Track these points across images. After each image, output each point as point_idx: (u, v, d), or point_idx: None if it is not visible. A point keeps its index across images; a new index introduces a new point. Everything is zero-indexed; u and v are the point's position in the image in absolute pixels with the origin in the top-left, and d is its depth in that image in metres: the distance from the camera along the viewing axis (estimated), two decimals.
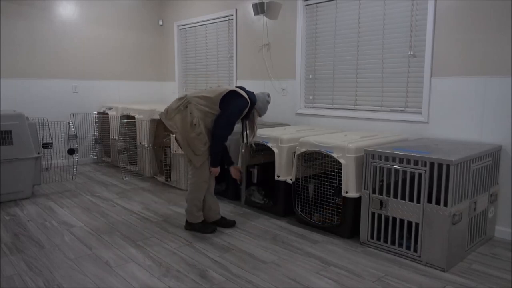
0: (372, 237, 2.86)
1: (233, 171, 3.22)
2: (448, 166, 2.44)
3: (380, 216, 2.80)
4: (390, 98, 3.71)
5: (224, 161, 3.24)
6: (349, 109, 4.05)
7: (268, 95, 3.11)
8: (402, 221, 2.72)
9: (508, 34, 2.93)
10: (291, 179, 3.35)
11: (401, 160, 2.65)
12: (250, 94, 3.01)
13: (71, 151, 4.51)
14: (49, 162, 5.43)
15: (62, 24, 5.54)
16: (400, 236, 2.73)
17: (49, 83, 5.48)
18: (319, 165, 3.30)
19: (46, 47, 5.42)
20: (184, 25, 6.14)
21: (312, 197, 3.28)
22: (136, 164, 5.11)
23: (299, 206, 3.30)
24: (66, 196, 4.15)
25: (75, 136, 5.04)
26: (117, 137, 5.30)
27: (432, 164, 2.51)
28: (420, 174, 2.57)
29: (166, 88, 6.69)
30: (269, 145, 3.47)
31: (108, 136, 5.70)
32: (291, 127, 4.10)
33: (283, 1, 4.54)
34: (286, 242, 2.94)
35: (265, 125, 4.15)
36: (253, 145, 3.20)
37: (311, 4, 4.28)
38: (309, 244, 2.92)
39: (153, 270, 2.48)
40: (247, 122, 3.10)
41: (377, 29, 3.74)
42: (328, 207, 3.19)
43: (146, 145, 4.83)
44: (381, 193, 2.78)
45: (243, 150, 3.30)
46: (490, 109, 3.05)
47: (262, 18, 4.82)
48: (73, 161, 5.72)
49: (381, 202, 2.77)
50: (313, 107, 4.40)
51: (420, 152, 2.63)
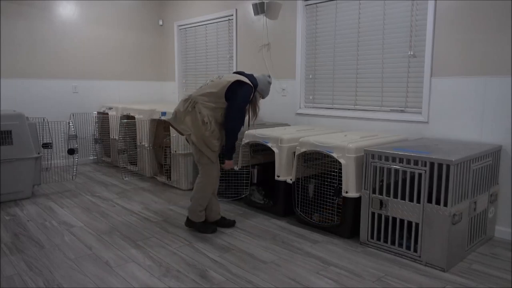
0: (372, 237, 2.86)
1: (228, 164, 3.07)
2: (448, 166, 2.44)
3: (380, 216, 2.80)
4: (390, 98, 3.71)
5: (225, 152, 3.06)
6: (349, 109, 4.05)
7: (269, 76, 3.09)
8: (402, 221, 2.72)
9: (508, 34, 2.93)
10: (291, 179, 3.35)
11: (401, 160, 2.65)
12: (251, 77, 3.00)
13: (71, 151, 4.51)
14: (49, 162, 5.43)
15: (62, 24, 5.54)
16: (400, 236, 2.73)
17: (49, 83, 5.48)
18: (319, 165, 3.30)
19: (46, 47, 5.42)
20: (184, 25, 6.14)
21: (312, 197, 3.28)
22: (136, 164, 5.11)
23: (299, 206, 3.30)
24: (66, 196, 4.15)
25: (75, 136, 5.04)
26: (117, 137, 5.30)
27: (432, 164, 2.51)
28: (420, 174, 2.57)
29: (166, 88, 6.69)
30: (269, 145, 3.47)
31: (108, 136, 5.69)
32: (291, 127, 4.10)
33: (283, 1, 4.54)
34: (286, 242, 2.94)
35: (265, 125, 4.15)
36: (253, 126, 3.20)
37: (311, 4, 4.27)
38: (309, 244, 2.92)
39: (153, 270, 2.48)
40: (249, 105, 3.05)
41: (377, 29, 3.74)
42: (328, 207, 3.19)
43: (146, 145, 4.83)
44: (381, 193, 2.78)
45: (248, 129, 3.21)
46: (490, 109, 3.05)
47: (262, 18, 4.81)
48: (73, 161, 5.72)
49: (381, 202, 2.77)
50: (313, 107, 4.40)
51: (420, 152, 2.63)
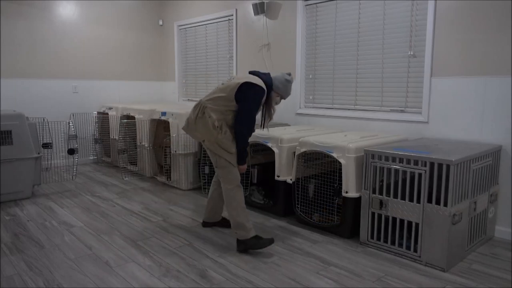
0: (372, 237, 2.86)
1: (241, 170, 2.95)
2: (448, 166, 2.44)
3: (380, 216, 2.80)
4: (390, 98, 3.71)
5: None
6: (349, 109, 4.05)
7: (289, 74, 2.86)
8: (402, 221, 2.72)
9: (508, 34, 2.93)
10: (291, 179, 3.35)
11: (401, 160, 2.65)
12: (266, 77, 2.81)
13: (71, 151, 4.51)
14: (49, 162, 5.43)
15: (62, 24, 5.54)
16: (400, 236, 2.73)
17: (49, 83, 5.48)
18: (319, 165, 3.30)
19: (46, 47, 5.42)
20: (184, 25, 6.14)
21: (312, 197, 3.28)
22: (136, 164, 5.11)
23: (299, 206, 3.30)
24: (66, 196, 4.15)
25: (75, 136, 5.04)
26: (117, 137, 5.30)
27: (432, 164, 2.51)
28: (420, 174, 2.57)
29: (166, 88, 6.69)
30: (269, 145, 3.47)
31: (108, 136, 5.69)
32: (291, 127, 4.10)
33: (283, 1, 4.54)
34: (286, 242, 2.94)
35: None
36: (268, 128, 3.04)
37: (311, 4, 4.27)
38: (309, 244, 2.92)
39: (153, 270, 2.48)
40: (265, 106, 2.90)
41: (377, 29, 3.74)
42: (328, 207, 3.19)
43: (146, 145, 4.83)
44: (381, 193, 2.78)
45: (263, 129, 3.07)
46: (490, 109, 3.05)
47: (262, 18, 4.81)
48: (73, 161, 5.72)
49: (381, 202, 2.77)
50: (313, 107, 4.40)
51: (420, 152, 2.63)
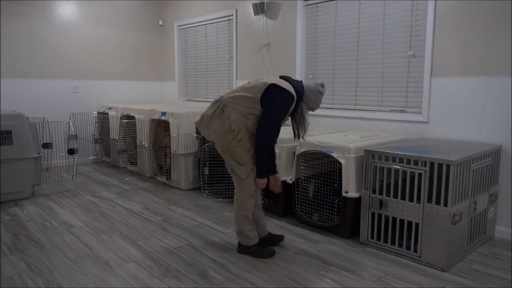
0: (372, 237, 2.86)
1: (273, 182, 2.75)
2: (448, 166, 2.44)
3: (380, 216, 2.80)
4: (390, 98, 3.71)
5: (268, 168, 2.72)
6: (349, 109, 4.05)
7: (322, 86, 2.61)
8: (402, 221, 2.72)
9: (508, 34, 2.93)
10: (291, 179, 3.35)
11: (401, 160, 2.65)
12: (297, 84, 2.56)
13: (71, 151, 4.51)
14: (49, 162, 5.43)
15: (62, 24, 5.54)
16: (400, 236, 2.73)
17: (49, 83, 5.48)
18: (319, 165, 3.30)
19: (46, 47, 5.42)
20: (184, 25, 6.14)
21: (312, 197, 3.27)
22: (136, 164, 5.11)
23: (299, 206, 3.30)
24: (66, 196, 4.15)
25: (75, 136, 5.04)
26: (117, 137, 5.30)
27: (432, 164, 2.51)
28: (420, 174, 2.57)
29: (166, 88, 6.69)
30: None
31: (108, 136, 5.69)
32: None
33: (283, 1, 4.54)
34: (286, 242, 2.94)
35: None
36: (304, 139, 2.78)
37: (311, 4, 4.27)
38: (309, 244, 2.92)
39: (153, 270, 2.48)
40: (296, 117, 2.65)
41: (377, 29, 3.74)
42: (328, 207, 3.19)
43: (146, 145, 4.83)
44: (381, 193, 2.78)
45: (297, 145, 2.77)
46: (490, 109, 3.05)
47: (262, 18, 4.81)
48: (73, 161, 5.72)
49: (381, 202, 2.77)
50: None
51: (420, 152, 2.63)
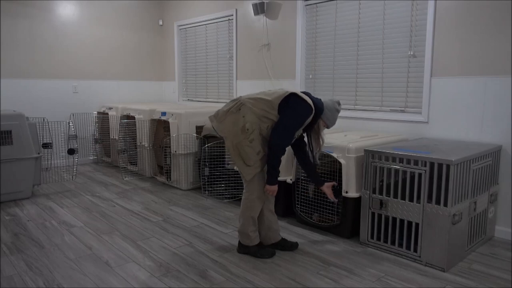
0: (372, 237, 2.86)
1: (327, 191, 2.78)
2: (448, 166, 2.44)
3: (380, 216, 2.80)
4: (390, 98, 3.71)
5: (313, 182, 2.82)
6: (349, 109, 4.05)
7: (338, 103, 2.64)
8: (402, 221, 2.72)
9: (508, 34, 2.93)
10: (291, 179, 3.35)
11: (401, 160, 2.65)
12: (317, 101, 2.59)
13: (71, 151, 4.51)
14: (49, 162, 5.43)
15: (62, 24, 5.54)
16: (400, 236, 2.73)
17: (49, 83, 5.48)
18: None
19: (46, 47, 5.42)
20: (184, 25, 6.14)
21: (312, 197, 3.27)
22: (136, 164, 5.11)
23: (299, 206, 3.30)
24: (66, 196, 4.15)
25: (75, 136, 5.04)
26: (117, 137, 5.30)
27: (432, 164, 2.51)
28: (420, 174, 2.57)
29: (166, 88, 6.69)
30: None
31: (108, 136, 5.69)
32: None
33: (283, 1, 4.54)
34: None
35: None
36: (318, 161, 2.78)
37: (311, 4, 4.27)
38: (309, 244, 2.92)
39: (153, 270, 2.48)
40: (312, 134, 2.67)
41: (377, 29, 3.74)
42: (328, 207, 3.19)
43: (146, 145, 4.83)
44: (381, 193, 2.78)
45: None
46: (490, 109, 3.05)
47: (262, 18, 4.81)
48: (73, 161, 5.72)
49: (381, 202, 2.77)
50: None
51: (420, 152, 2.63)
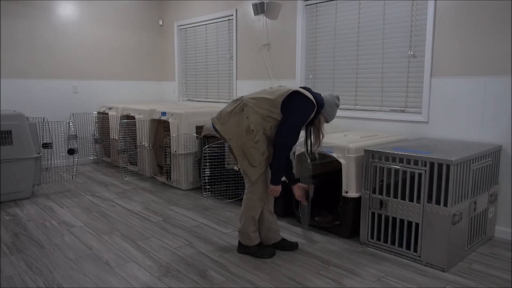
0: (372, 237, 2.86)
1: (297, 191, 2.80)
2: (448, 166, 2.44)
3: (380, 216, 2.80)
4: (390, 98, 3.71)
5: (286, 178, 2.81)
6: (349, 109, 4.05)
7: (338, 98, 2.66)
8: (402, 221, 2.72)
9: (508, 34, 2.93)
10: None
11: (401, 160, 2.65)
12: (317, 96, 2.60)
13: (71, 151, 4.51)
14: (49, 162, 5.43)
15: (62, 24, 5.54)
16: (400, 236, 2.73)
17: (49, 83, 5.48)
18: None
19: (46, 47, 5.42)
20: (184, 25, 6.14)
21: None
22: (136, 164, 5.11)
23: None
24: (66, 196, 4.15)
25: (75, 136, 5.04)
26: (117, 137, 5.30)
27: (432, 164, 2.51)
28: (420, 174, 2.57)
29: (166, 88, 6.69)
30: None
31: (108, 136, 5.69)
32: None
33: (283, 1, 4.54)
34: None
35: None
36: (317, 155, 2.77)
37: (311, 4, 4.27)
38: (309, 244, 2.92)
39: (153, 270, 2.48)
40: (312, 128, 2.68)
41: (377, 29, 3.74)
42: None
43: (146, 145, 4.83)
44: (381, 193, 2.78)
45: (309, 161, 2.82)
46: (490, 109, 3.05)
47: (262, 18, 4.81)
48: (73, 161, 5.72)
49: (381, 202, 2.77)
50: None
51: (420, 152, 2.63)
